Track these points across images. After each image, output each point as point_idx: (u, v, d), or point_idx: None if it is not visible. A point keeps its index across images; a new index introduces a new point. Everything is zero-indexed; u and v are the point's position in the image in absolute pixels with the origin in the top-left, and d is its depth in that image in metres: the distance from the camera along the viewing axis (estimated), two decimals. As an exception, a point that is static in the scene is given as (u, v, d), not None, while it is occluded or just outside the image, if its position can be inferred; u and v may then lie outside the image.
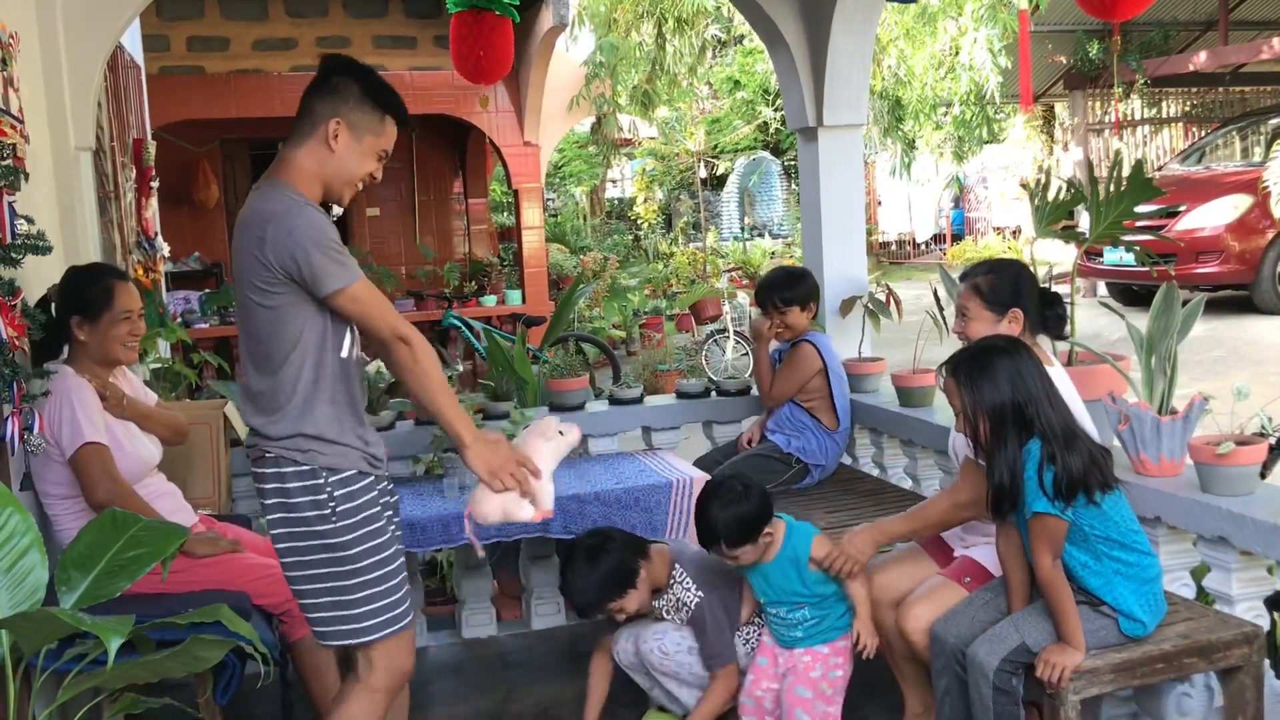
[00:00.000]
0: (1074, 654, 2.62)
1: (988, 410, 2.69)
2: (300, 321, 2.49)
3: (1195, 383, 3.28)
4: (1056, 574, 2.65)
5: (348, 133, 2.56)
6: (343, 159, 2.58)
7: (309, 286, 2.45)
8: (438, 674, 4.14)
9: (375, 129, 2.61)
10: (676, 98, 14.98)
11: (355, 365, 2.66)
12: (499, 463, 2.56)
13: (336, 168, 2.58)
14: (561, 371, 4.70)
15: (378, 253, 11.95)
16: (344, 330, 2.58)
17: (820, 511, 4.05)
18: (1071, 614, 2.65)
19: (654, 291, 14.49)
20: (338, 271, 2.44)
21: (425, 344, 2.58)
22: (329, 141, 2.56)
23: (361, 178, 2.64)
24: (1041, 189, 3.85)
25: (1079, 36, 14.16)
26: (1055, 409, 2.68)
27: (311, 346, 2.51)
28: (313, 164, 2.57)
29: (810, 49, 5.02)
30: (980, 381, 2.70)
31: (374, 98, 2.61)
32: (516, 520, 2.66)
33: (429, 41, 11.01)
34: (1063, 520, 2.63)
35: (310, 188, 2.56)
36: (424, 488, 4.16)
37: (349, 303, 2.48)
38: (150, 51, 8.91)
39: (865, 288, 5.03)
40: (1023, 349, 2.77)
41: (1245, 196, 10.71)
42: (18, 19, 3.56)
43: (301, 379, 2.51)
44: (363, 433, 2.62)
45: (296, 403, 2.50)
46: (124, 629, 1.51)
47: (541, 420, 2.77)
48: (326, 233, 2.47)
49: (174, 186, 10.67)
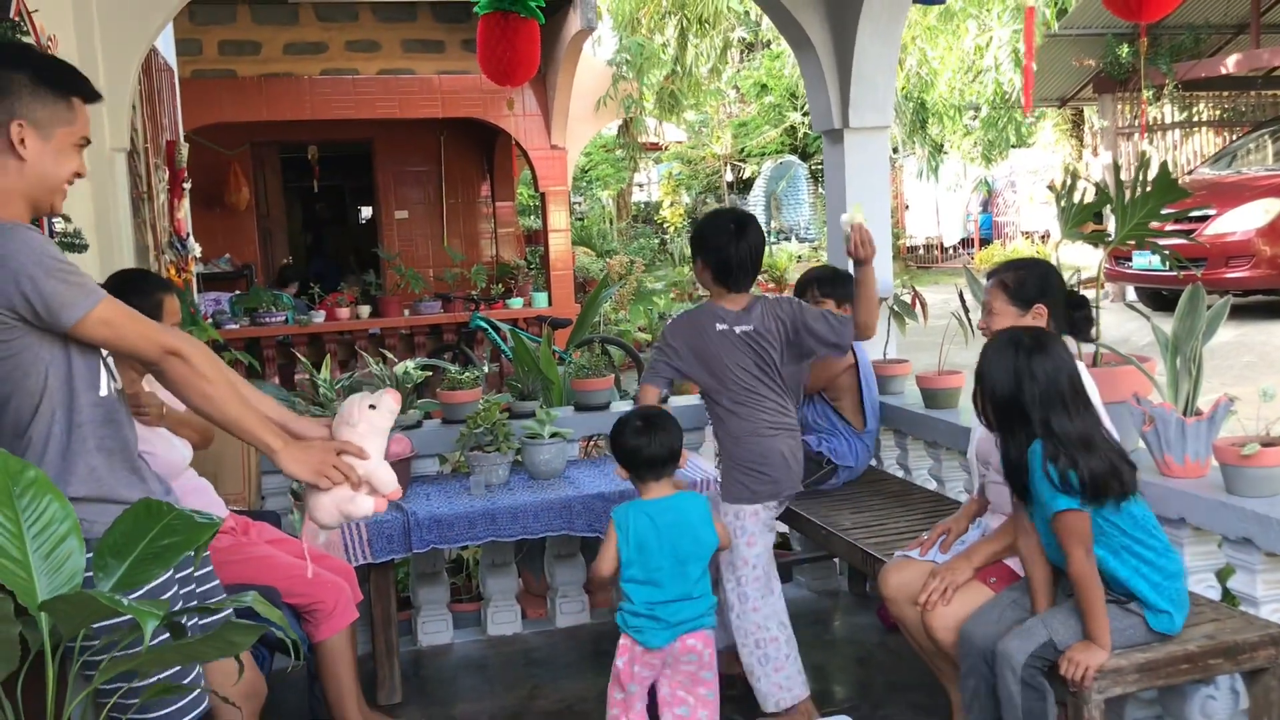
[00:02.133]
0: (1099, 653, 2.63)
1: (991, 399, 2.76)
2: (40, 366, 2.11)
3: (1225, 387, 3.27)
4: (1090, 568, 2.66)
5: (34, 133, 2.16)
6: (38, 164, 2.17)
7: (45, 321, 2.07)
8: (463, 671, 4.18)
9: (65, 118, 2.20)
10: (700, 100, 15.01)
11: (121, 402, 2.30)
12: (317, 460, 2.31)
13: (35, 176, 2.17)
14: (587, 372, 4.73)
15: (406, 255, 12.05)
16: (95, 364, 2.21)
17: (847, 512, 4.06)
18: (1100, 611, 2.65)
19: (680, 295, 14.52)
20: (76, 295, 2.07)
21: (202, 350, 2.28)
22: (16, 149, 2.14)
23: (67, 179, 2.25)
24: (1068, 191, 3.85)
25: (1109, 40, 14.08)
26: (1074, 416, 2.69)
27: (58, 393, 2.13)
28: (6, 179, 2.15)
29: (836, 51, 5.04)
30: (990, 370, 2.76)
31: (50, 83, 2.19)
32: (356, 517, 2.42)
33: (457, 45, 11.10)
34: (1084, 512, 2.65)
35: (10, 207, 2.15)
36: (450, 486, 4.20)
37: (98, 328, 2.11)
38: (183, 55, 9.04)
39: (891, 290, 5.03)
40: (1051, 345, 2.78)
41: (1276, 201, 10.62)
42: (56, 22, 3.63)
43: (53, 434, 2.12)
44: (148, 484, 2.28)
45: (51, 462, 2.10)
46: (160, 611, 1.55)
47: (344, 406, 2.45)
48: (48, 251, 2.09)
49: (206, 189, 10.81)
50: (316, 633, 3.30)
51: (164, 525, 1.76)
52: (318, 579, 3.33)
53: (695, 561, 3.08)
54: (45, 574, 1.72)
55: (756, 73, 20.45)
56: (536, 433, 4.21)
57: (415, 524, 3.80)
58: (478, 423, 4.20)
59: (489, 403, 4.35)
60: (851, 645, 4.23)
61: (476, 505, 3.90)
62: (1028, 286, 3.15)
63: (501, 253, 12.84)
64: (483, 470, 4.12)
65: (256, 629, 1.71)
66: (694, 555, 3.08)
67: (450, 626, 4.43)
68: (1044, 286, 3.16)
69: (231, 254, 11.47)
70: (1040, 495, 2.67)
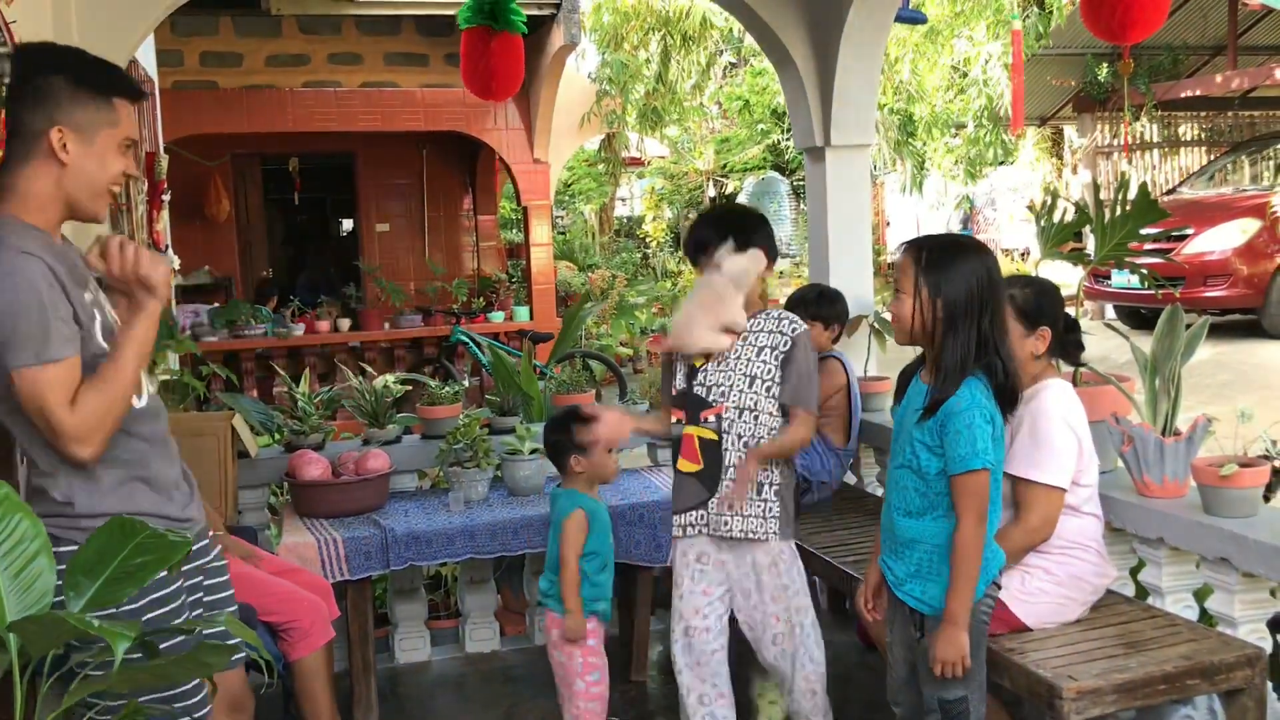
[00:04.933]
0: (959, 635, 2.51)
1: (945, 302, 2.56)
2: None
3: (1202, 406, 3.28)
4: (978, 537, 2.53)
5: (76, 138, 2.12)
6: (81, 170, 2.13)
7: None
8: (440, 688, 4.15)
9: (108, 119, 2.16)
10: (682, 116, 15.03)
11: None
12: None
13: (78, 182, 2.14)
14: (568, 387, 4.72)
15: (387, 268, 12.01)
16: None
17: (824, 530, 4.06)
18: (970, 588, 2.53)
19: (661, 310, 14.51)
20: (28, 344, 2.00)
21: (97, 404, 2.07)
22: (57, 154, 2.11)
23: (114, 181, 2.21)
24: (1047, 211, 3.87)
25: (1088, 60, 14.19)
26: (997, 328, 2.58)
27: None
28: (46, 186, 2.12)
29: (818, 69, 5.06)
30: (948, 273, 2.56)
31: (91, 85, 2.14)
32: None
33: (440, 59, 11.09)
34: (987, 471, 2.53)
35: (45, 214, 2.14)
36: (429, 502, 4.17)
37: (25, 385, 2.01)
38: (164, 66, 8.99)
39: (871, 307, 5.05)
40: (992, 256, 2.66)
41: (1254, 220, 10.70)
42: (34, 33, 3.60)
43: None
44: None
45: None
46: (131, 633, 1.53)
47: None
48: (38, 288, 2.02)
49: (186, 200, 10.74)
50: (293, 651, 3.27)
51: (136, 544, 1.73)
52: (295, 597, 3.31)
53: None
54: (14, 594, 1.70)
55: (739, 88, 20.49)
56: (516, 449, 4.19)
57: (393, 540, 3.77)
58: (457, 438, 4.18)
59: (469, 418, 4.33)
60: (830, 664, 4.17)
61: (455, 521, 3.88)
62: (1037, 307, 3.08)
63: (483, 266, 12.81)
64: (462, 486, 4.09)
65: (230, 649, 1.69)
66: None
67: (428, 643, 4.40)
68: (1052, 309, 3.11)
69: (211, 266, 11.40)
70: (956, 449, 2.51)
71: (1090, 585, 3.02)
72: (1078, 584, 2.99)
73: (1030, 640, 2.90)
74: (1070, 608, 3.00)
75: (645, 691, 4.07)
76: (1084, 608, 3.03)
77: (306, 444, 4.29)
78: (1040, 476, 2.93)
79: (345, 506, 3.97)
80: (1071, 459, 2.97)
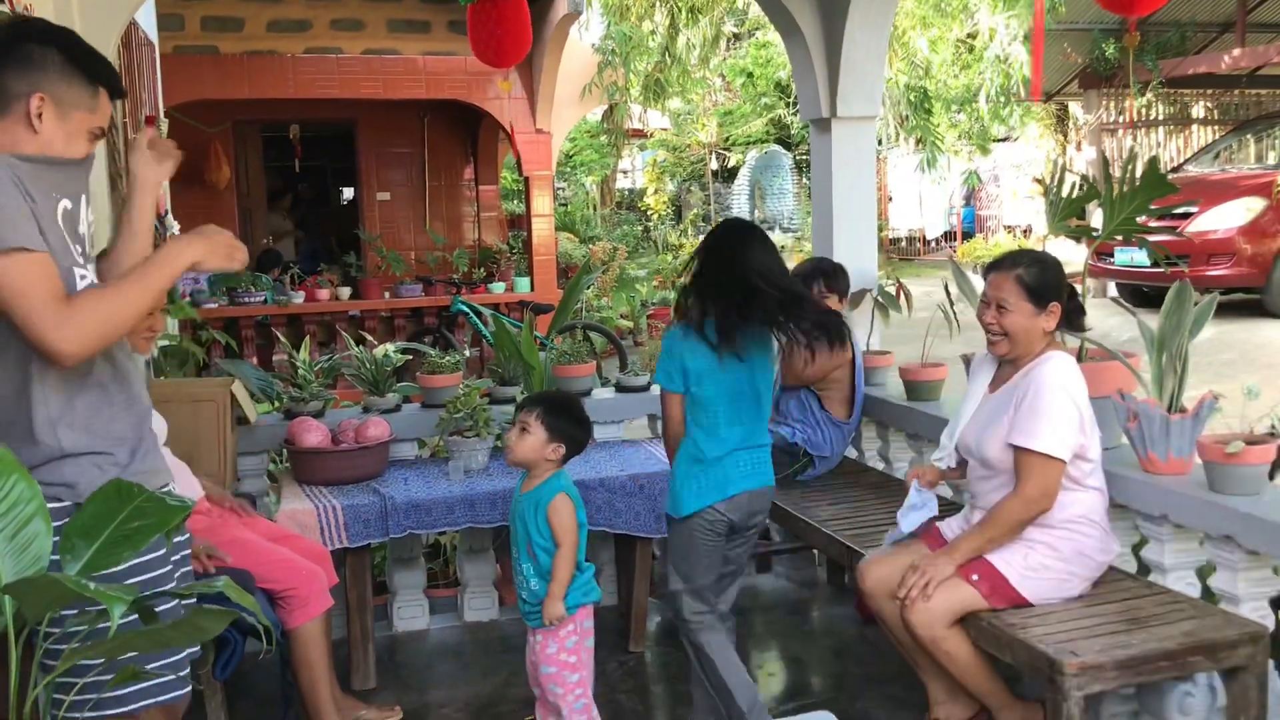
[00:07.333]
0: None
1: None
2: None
3: (1206, 384, 3.25)
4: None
5: (54, 110, 2.12)
6: (49, 143, 2.12)
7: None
8: (439, 656, 4.14)
9: (87, 104, 2.18)
10: (688, 88, 14.92)
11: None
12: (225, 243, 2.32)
13: (41, 151, 2.12)
14: (568, 358, 4.69)
15: (387, 237, 11.96)
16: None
17: (825, 503, 4.05)
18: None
19: (662, 283, 14.47)
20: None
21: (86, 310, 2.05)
22: (30, 120, 2.10)
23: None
24: (1056, 184, 3.83)
25: (1095, 35, 14.10)
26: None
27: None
28: (6, 145, 2.09)
29: (825, 39, 5.00)
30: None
31: (82, 67, 2.16)
32: None
33: (443, 26, 10.99)
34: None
35: None
36: (429, 471, 4.15)
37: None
38: (165, 30, 8.90)
39: (875, 280, 5.02)
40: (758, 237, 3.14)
41: (1258, 199, 10.66)
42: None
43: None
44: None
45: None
46: (128, 597, 1.51)
47: None
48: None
49: (185, 166, 10.57)
50: (290, 619, 3.25)
51: (134, 507, 1.72)
52: (293, 564, 3.29)
53: None
54: (10, 556, 1.68)
55: (743, 60, 20.37)
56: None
57: (392, 509, 3.76)
58: (457, 407, 4.15)
59: (469, 387, 4.31)
60: (829, 637, 4.22)
61: (455, 490, 3.87)
62: (1045, 284, 3.06)
63: (484, 236, 12.76)
64: (462, 455, 4.08)
65: (227, 614, 1.67)
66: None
67: (426, 612, 4.40)
68: (1060, 285, 3.09)
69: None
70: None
71: (1094, 561, 3.01)
72: (1081, 560, 2.98)
73: (1032, 615, 2.89)
74: (1073, 583, 2.99)
75: (643, 662, 4.06)
76: (1086, 584, 3.02)
77: (306, 411, 4.27)
78: (1038, 445, 2.91)
79: (345, 474, 3.95)
80: (1071, 431, 2.95)
